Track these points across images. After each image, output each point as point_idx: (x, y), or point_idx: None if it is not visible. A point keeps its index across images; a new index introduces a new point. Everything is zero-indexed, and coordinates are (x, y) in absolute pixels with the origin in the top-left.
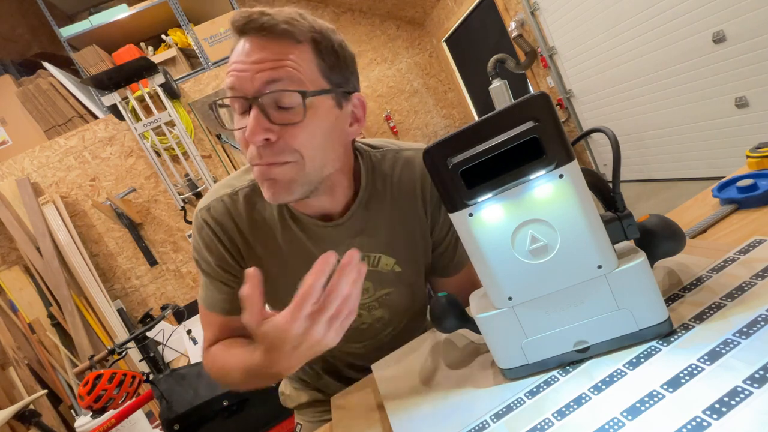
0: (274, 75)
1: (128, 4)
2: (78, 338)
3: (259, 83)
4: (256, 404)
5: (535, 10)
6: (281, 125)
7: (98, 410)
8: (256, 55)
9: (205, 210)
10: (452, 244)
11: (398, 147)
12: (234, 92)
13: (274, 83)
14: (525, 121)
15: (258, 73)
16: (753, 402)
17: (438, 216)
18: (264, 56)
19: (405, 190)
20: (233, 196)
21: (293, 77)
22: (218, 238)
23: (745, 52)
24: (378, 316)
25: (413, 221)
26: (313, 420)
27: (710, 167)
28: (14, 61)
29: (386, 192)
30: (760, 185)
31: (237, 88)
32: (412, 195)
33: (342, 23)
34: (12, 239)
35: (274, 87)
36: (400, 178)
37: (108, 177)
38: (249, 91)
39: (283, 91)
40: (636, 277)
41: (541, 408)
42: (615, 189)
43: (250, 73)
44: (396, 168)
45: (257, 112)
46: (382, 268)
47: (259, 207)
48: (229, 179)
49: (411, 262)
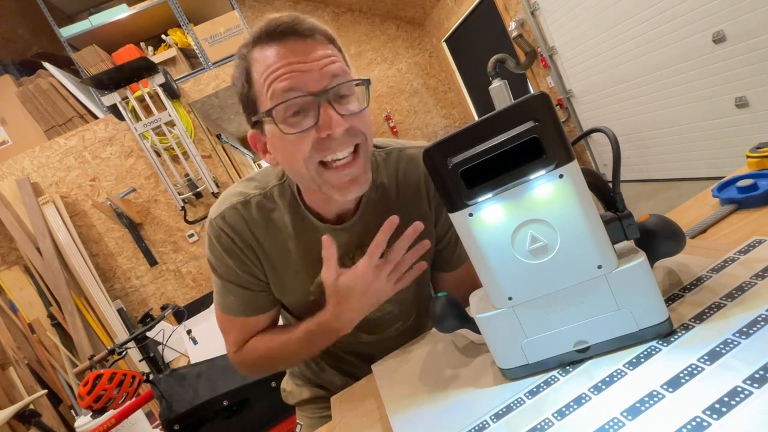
0: (335, 69)
1: (128, 4)
2: (78, 338)
3: (326, 78)
4: (256, 404)
5: (535, 10)
6: (350, 114)
7: (98, 410)
8: (312, 54)
9: (220, 218)
10: (454, 239)
11: (402, 145)
12: (296, 92)
13: (337, 77)
14: (525, 121)
15: (322, 69)
16: (753, 402)
17: (441, 210)
18: (319, 54)
19: (410, 186)
20: (245, 204)
21: (346, 70)
22: (235, 244)
23: (745, 52)
24: (388, 310)
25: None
26: (314, 416)
27: (710, 167)
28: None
29: (392, 189)
30: (760, 185)
31: (298, 88)
32: (417, 191)
33: (342, 23)
34: (12, 239)
35: (339, 80)
36: (405, 175)
37: (108, 177)
38: (314, 87)
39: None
40: (636, 277)
41: (541, 408)
42: (615, 189)
43: (315, 72)
44: (400, 166)
45: (328, 105)
46: None
47: (272, 214)
48: (238, 188)
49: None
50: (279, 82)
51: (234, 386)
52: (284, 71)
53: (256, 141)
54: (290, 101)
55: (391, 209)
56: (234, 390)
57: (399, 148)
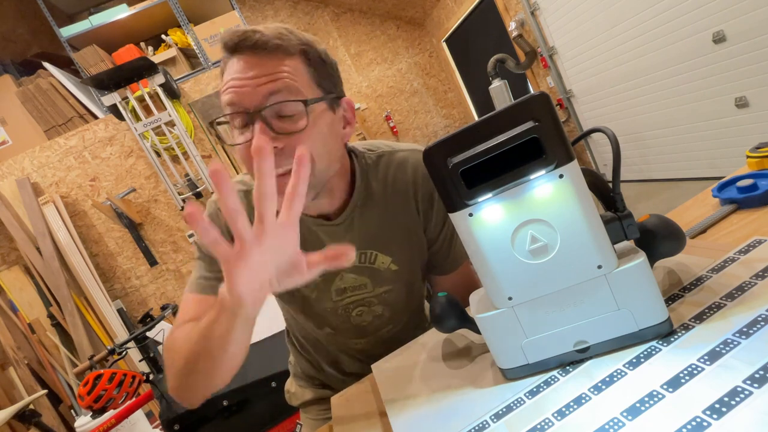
0: (274, 87)
1: (128, 4)
2: (78, 338)
3: (260, 96)
4: (256, 404)
5: (535, 10)
6: (287, 134)
7: (98, 410)
8: (254, 71)
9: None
10: (446, 242)
11: (392, 148)
12: (234, 108)
13: (275, 95)
14: (525, 121)
15: (258, 87)
16: (753, 402)
17: (430, 214)
18: (262, 71)
19: (399, 190)
20: (247, 193)
21: (291, 88)
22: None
23: (745, 52)
24: (378, 312)
25: (408, 220)
26: (317, 418)
27: (710, 167)
28: (14, 61)
29: (381, 192)
30: (760, 185)
31: (237, 104)
32: (406, 195)
33: (342, 23)
34: (12, 239)
35: (276, 99)
36: (394, 178)
37: (108, 177)
38: (250, 105)
39: (286, 102)
40: (636, 277)
41: (541, 408)
42: (615, 189)
43: (250, 88)
44: (390, 169)
45: (261, 124)
46: (379, 266)
47: None
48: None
49: (407, 260)
50: (225, 94)
51: (234, 386)
52: (230, 85)
53: None
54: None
55: (378, 211)
56: (234, 390)
57: (390, 151)
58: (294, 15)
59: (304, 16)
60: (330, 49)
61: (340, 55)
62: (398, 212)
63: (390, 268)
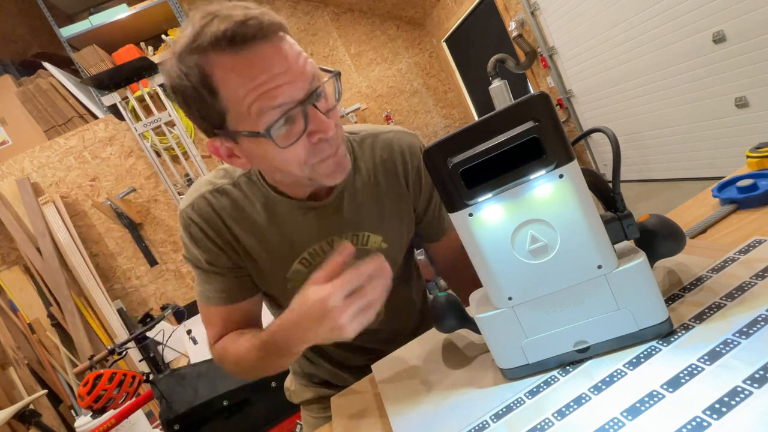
0: (310, 68)
1: (128, 4)
2: (78, 338)
3: (306, 82)
4: (256, 404)
5: (535, 10)
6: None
7: (98, 410)
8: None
9: (189, 208)
10: (437, 212)
11: (376, 131)
12: (287, 105)
13: (315, 77)
14: (525, 121)
15: (299, 76)
16: (753, 402)
17: (418, 187)
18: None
19: (387, 170)
20: (214, 192)
21: (315, 65)
22: (205, 233)
23: (745, 52)
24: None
25: (397, 198)
26: (318, 416)
27: (710, 167)
28: (14, 61)
29: (369, 172)
30: (760, 185)
31: (288, 101)
32: (394, 173)
33: (342, 23)
34: (12, 239)
35: (317, 81)
36: (381, 158)
37: (108, 177)
38: (299, 95)
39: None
40: (636, 277)
41: (541, 408)
42: (615, 189)
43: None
44: (376, 150)
45: (315, 110)
46: (371, 247)
47: (242, 201)
48: (208, 178)
49: (396, 238)
50: (268, 99)
51: (234, 386)
52: (269, 86)
53: (218, 148)
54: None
55: (367, 191)
56: (234, 390)
57: (373, 133)
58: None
59: (304, 16)
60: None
61: (340, 55)
62: (387, 191)
63: (381, 247)
